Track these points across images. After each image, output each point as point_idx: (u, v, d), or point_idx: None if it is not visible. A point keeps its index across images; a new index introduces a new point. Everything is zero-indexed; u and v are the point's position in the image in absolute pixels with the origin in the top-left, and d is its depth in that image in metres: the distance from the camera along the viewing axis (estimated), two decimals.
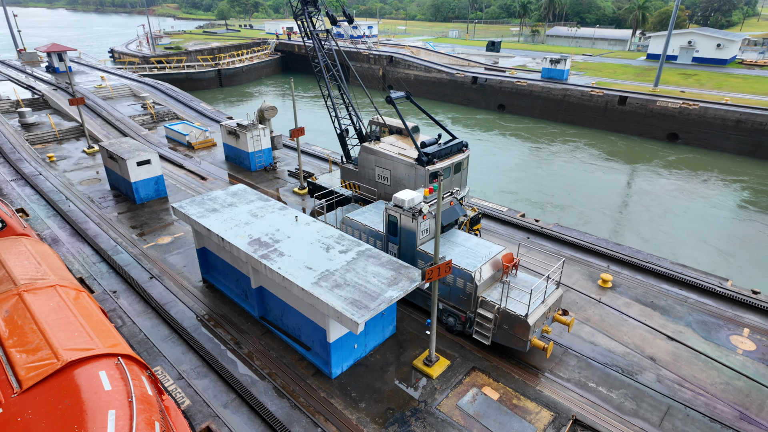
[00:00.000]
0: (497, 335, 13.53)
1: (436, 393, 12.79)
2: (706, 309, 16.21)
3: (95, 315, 10.30)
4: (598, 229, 27.70)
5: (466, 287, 13.85)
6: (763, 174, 37.83)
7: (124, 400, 7.64)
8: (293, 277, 12.88)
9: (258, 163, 28.31)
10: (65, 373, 7.96)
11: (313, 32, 20.91)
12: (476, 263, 13.92)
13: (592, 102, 49.41)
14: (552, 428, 11.71)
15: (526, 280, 14.38)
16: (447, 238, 15.42)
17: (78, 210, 23.34)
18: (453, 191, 16.19)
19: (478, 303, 13.70)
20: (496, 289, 14.07)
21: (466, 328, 14.45)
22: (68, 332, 9.07)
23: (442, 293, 14.67)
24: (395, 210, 15.09)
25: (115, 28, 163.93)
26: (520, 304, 13.20)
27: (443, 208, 15.31)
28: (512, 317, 13.02)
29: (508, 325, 13.17)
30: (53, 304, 10.06)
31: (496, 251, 14.61)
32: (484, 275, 13.87)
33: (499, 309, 13.25)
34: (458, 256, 14.36)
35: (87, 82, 48.93)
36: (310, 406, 12.37)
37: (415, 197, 14.78)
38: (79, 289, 11.35)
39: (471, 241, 15.32)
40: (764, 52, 77.56)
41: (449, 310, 14.74)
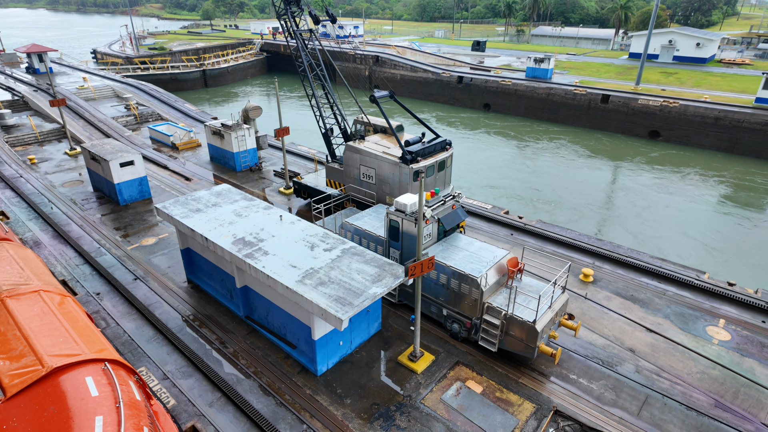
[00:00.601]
0: (504, 342, 13.25)
1: (420, 387, 12.95)
2: (683, 301, 16.63)
3: (81, 320, 10.17)
4: (582, 225, 28.16)
5: (471, 293, 13.55)
6: (741, 169, 38.77)
7: (112, 406, 7.57)
8: (278, 276, 12.94)
9: (243, 163, 28.22)
10: (51, 379, 7.85)
11: (297, 32, 20.96)
12: (481, 268, 13.61)
13: (576, 100, 50.10)
14: (534, 419, 11.95)
15: (532, 285, 14.10)
16: (449, 243, 15.10)
17: (60, 212, 23.06)
18: (455, 194, 15.99)
19: (484, 309, 13.43)
20: (501, 294, 13.80)
21: (471, 334, 14.15)
22: (53, 338, 8.95)
23: (446, 299, 14.36)
24: (397, 215, 14.79)
25: (98, 29, 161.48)
26: (527, 309, 12.89)
27: (446, 212, 15.18)
28: (520, 323, 12.71)
29: (515, 332, 12.89)
30: (37, 309, 9.93)
31: (501, 255, 14.33)
32: (490, 280, 13.61)
33: (506, 315, 12.95)
34: (462, 261, 14.05)
35: (69, 83, 48.21)
36: (295, 403, 12.45)
37: (416, 201, 14.42)
38: (64, 294, 11.20)
39: (474, 245, 15.01)
40: (743, 51, 79.42)
41: (453, 317, 14.41)
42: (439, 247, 14.90)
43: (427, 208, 14.25)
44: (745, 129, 41.35)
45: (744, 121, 41.30)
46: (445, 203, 15.33)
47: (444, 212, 15.24)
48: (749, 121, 41.03)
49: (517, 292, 13.51)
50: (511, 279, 14.16)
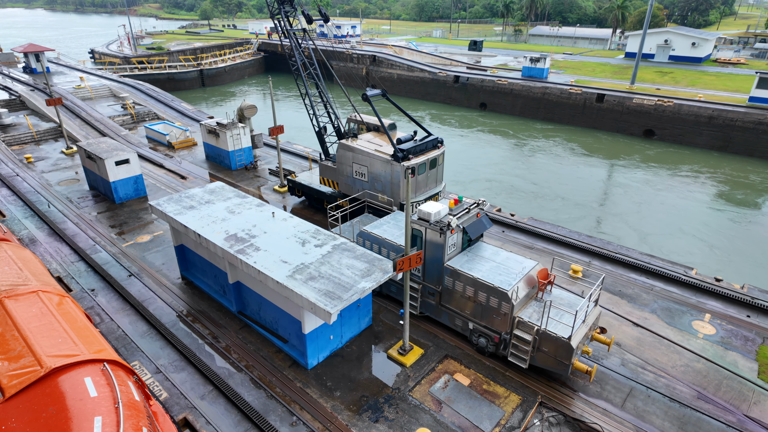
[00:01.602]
0: (536, 358, 12.67)
1: (409, 380, 13.17)
2: (670, 296, 16.87)
3: (79, 320, 10.16)
4: (576, 221, 28.39)
5: (500, 307, 12.90)
6: (734, 168, 39.05)
7: (111, 407, 7.55)
8: (268, 271, 13.15)
9: (238, 161, 28.42)
10: (49, 380, 7.83)
11: (290, 31, 21.16)
12: (511, 281, 12.98)
13: (571, 100, 50.36)
14: (519, 411, 12.17)
15: (563, 298, 13.49)
16: (475, 253, 14.50)
17: (56, 210, 23.24)
18: (479, 202, 15.26)
19: (515, 324, 12.80)
20: (531, 307, 13.17)
21: (499, 349, 13.56)
22: (52, 338, 8.95)
23: (472, 312, 13.83)
24: (420, 224, 14.11)
25: (96, 29, 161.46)
26: (561, 324, 12.28)
27: (470, 221, 14.49)
28: (553, 339, 12.11)
29: (549, 348, 12.27)
30: (36, 310, 9.91)
31: (530, 267, 13.71)
32: (520, 294, 12.99)
33: (538, 331, 12.34)
34: (490, 273, 13.43)
35: (65, 82, 48.35)
36: (286, 395, 12.66)
37: (441, 210, 13.89)
38: (63, 295, 11.19)
39: (500, 255, 14.37)
40: (739, 50, 79.79)
41: (480, 331, 13.77)
42: (464, 258, 14.22)
43: (452, 216, 13.74)
44: (739, 128, 41.63)
45: (737, 120, 41.58)
46: (469, 211, 14.57)
47: (468, 221, 14.44)
48: (742, 120, 41.31)
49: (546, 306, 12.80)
50: (542, 292, 13.52)
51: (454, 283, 13.84)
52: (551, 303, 12.70)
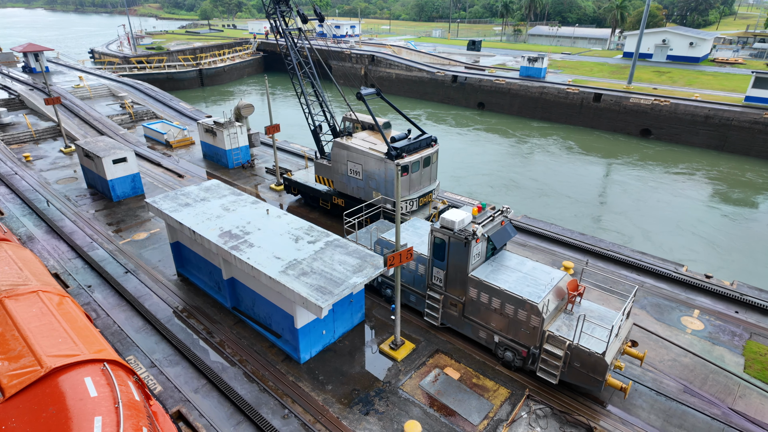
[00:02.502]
0: (566, 373, 12.18)
1: (400, 374, 13.37)
2: (660, 293, 17.06)
3: (80, 320, 10.20)
4: (572, 219, 28.57)
5: (529, 320, 12.38)
6: (730, 167, 39.22)
7: (111, 407, 7.56)
8: (261, 267, 13.36)
9: (235, 160, 28.62)
10: (49, 380, 7.84)
11: (286, 30, 21.36)
12: (540, 293, 12.42)
13: (568, 99, 50.53)
14: (508, 404, 12.37)
15: (593, 310, 12.94)
16: (499, 262, 13.94)
17: (54, 208, 23.45)
18: (503, 208, 14.67)
19: (545, 338, 12.28)
20: (560, 320, 12.63)
21: (527, 364, 13.04)
22: (52, 338, 8.97)
23: (498, 325, 13.28)
24: (443, 232, 13.52)
25: (96, 29, 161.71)
26: (594, 339, 11.75)
27: (495, 229, 13.80)
28: (586, 355, 11.57)
29: (581, 363, 11.75)
30: (36, 310, 9.93)
31: (559, 277, 13.15)
32: (551, 307, 12.50)
33: (570, 345, 11.83)
34: (517, 284, 12.90)
35: (64, 82, 48.57)
36: (278, 389, 12.86)
37: (465, 218, 13.39)
38: (63, 294, 11.21)
39: (527, 264, 13.82)
40: (738, 50, 79.94)
41: (507, 344, 13.25)
42: (489, 268, 13.64)
43: (477, 225, 13.20)
44: (735, 127, 41.80)
45: (733, 119, 41.74)
46: (493, 219, 13.97)
47: (493, 229, 13.78)
48: (738, 119, 41.47)
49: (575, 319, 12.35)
50: (572, 304, 13.00)
51: (479, 294, 13.29)
52: (585, 317, 12.04)
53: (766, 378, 13.26)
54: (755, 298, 16.51)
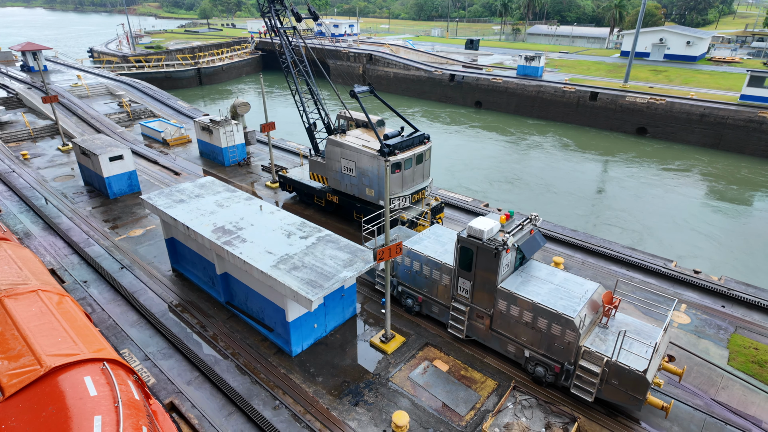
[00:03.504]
0: (602, 391, 11.60)
1: (390, 367, 13.59)
2: (649, 288, 17.27)
3: (79, 320, 10.22)
4: (568, 217, 28.79)
5: (564, 335, 11.77)
6: (725, 165, 39.44)
7: (111, 406, 7.57)
8: (253, 261, 13.58)
9: (231, 158, 28.84)
10: (49, 379, 7.84)
11: (280, 29, 21.56)
12: (575, 306, 11.85)
13: (565, 98, 50.74)
14: (495, 395, 12.60)
15: (628, 323, 12.38)
16: (528, 273, 13.36)
17: (51, 205, 23.66)
18: (532, 216, 13.98)
19: (580, 354, 11.66)
20: (595, 334, 12.02)
21: (560, 380, 12.43)
22: (51, 338, 8.97)
23: (529, 339, 12.68)
24: (471, 242, 12.85)
25: (95, 28, 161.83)
26: (633, 355, 11.18)
27: (524, 239, 13.21)
28: (626, 372, 11.00)
29: (620, 381, 11.19)
30: (35, 309, 9.94)
31: (593, 290, 12.56)
32: (586, 321, 11.89)
33: (608, 362, 11.23)
34: (549, 296, 12.29)
35: (63, 80, 48.77)
36: (270, 381, 13.09)
37: (493, 227, 12.78)
38: (62, 294, 11.24)
39: (558, 275, 13.19)
40: (736, 49, 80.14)
41: (538, 359, 12.66)
42: (518, 279, 13.03)
43: (507, 234, 12.66)
44: (730, 125, 42.02)
45: (728, 117, 41.95)
46: (522, 228, 13.34)
47: (522, 238, 13.17)
48: (733, 117, 41.69)
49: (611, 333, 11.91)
50: (607, 317, 12.41)
51: (509, 307, 12.71)
52: (625, 333, 11.43)
53: (749, 370, 13.49)
54: (742, 293, 16.73)
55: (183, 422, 11.81)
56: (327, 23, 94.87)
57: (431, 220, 20.44)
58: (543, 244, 13.90)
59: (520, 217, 14.04)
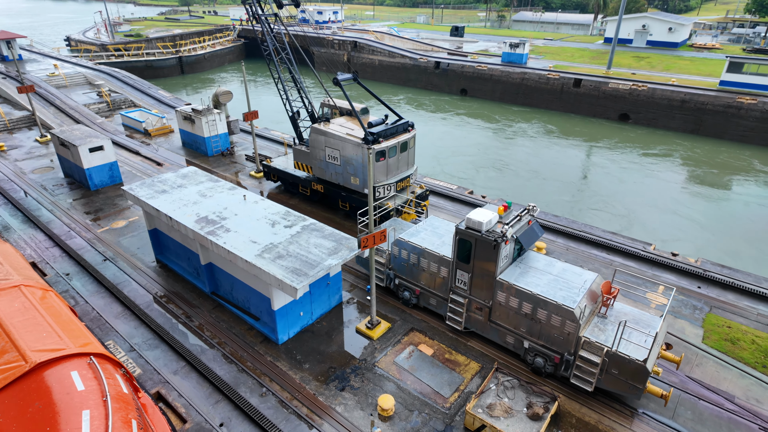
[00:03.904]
0: (602, 380, 11.71)
1: (375, 352, 13.79)
2: (628, 270, 17.70)
3: (64, 314, 10.13)
4: (552, 201, 29.17)
5: (564, 326, 11.84)
6: (705, 150, 40.20)
7: (99, 400, 7.52)
8: (238, 251, 13.58)
9: (215, 147, 28.52)
10: (34, 375, 7.78)
11: (261, 16, 21.25)
12: (575, 297, 11.89)
13: (549, 85, 50.99)
14: (478, 377, 12.89)
15: (626, 313, 12.49)
16: (527, 264, 13.35)
17: (30, 198, 23.22)
18: (529, 207, 13.93)
19: (581, 344, 11.74)
20: (594, 324, 12.10)
21: (559, 370, 12.51)
22: (36, 333, 8.86)
23: (528, 330, 12.69)
24: (470, 234, 12.80)
25: (72, 15, 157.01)
26: (632, 345, 11.29)
27: (522, 230, 13.21)
28: (626, 362, 11.10)
29: (619, 370, 11.30)
30: (18, 304, 9.83)
31: (591, 279, 12.62)
32: (586, 312, 11.96)
33: (608, 352, 11.31)
34: (548, 287, 12.30)
35: (39, 70, 47.45)
36: (256, 369, 13.19)
37: (491, 218, 12.73)
38: (46, 289, 11.13)
39: (556, 266, 13.23)
40: (717, 35, 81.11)
41: (537, 350, 12.69)
42: (517, 270, 13.06)
43: (506, 226, 12.64)
44: (709, 111, 42.73)
45: (708, 103, 42.64)
46: (521, 219, 13.34)
47: (521, 230, 13.17)
48: (713, 103, 42.38)
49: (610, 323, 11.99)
50: (606, 307, 12.52)
51: (508, 298, 12.74)
52: (626, 323, 11.52)
53: (723, 348, 13.98)
54: (717, 274, 17.24)
55: (170, 411, 11.87)
56: (311, 10, 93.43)
57: (416, 208, 20.58)
58: (541, 235, 13.94)
59: (517, 208, 14.08)
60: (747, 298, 16.24)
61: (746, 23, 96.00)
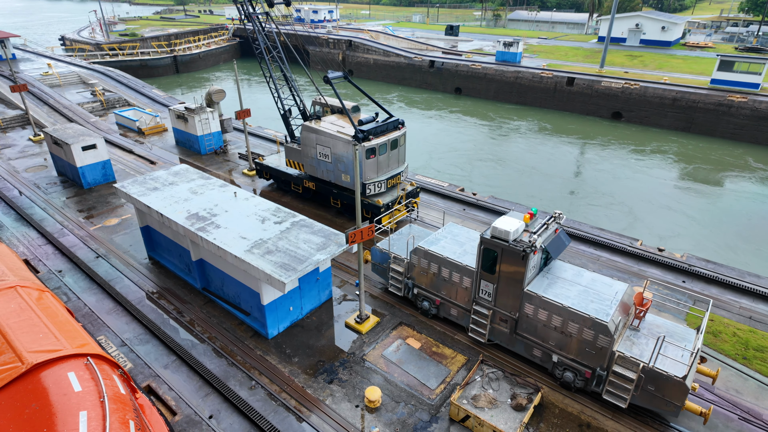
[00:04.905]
0: (637, 397, 11.20)
1: (364, 346, 14.00)
2: (615, 265, 17.97)
3: (60, 315, 10.10)
4: (544, 197, 29.44)
5: (596, 340, 11.28)
6: (697, 147, 40.56)
7: (96, 401, 7.48)
8: (227, 247, 13.76)
9: (208, 146, 28.65)
10: (31, 376, 7.73)
11: (252, 15, 21.41)
12: (608, 310, 11.33)
13: (543, 83, 51.28)
14: (464, 369, 13.12)
15: (659, 325, 11.93)
16: (554, 274, 12.83)
17: (24, 196, 23.31)
18: (555, 215, 13.37)
19: (614, 359, 11.20)
20: (627, 338, 11.60)
21: (590, 385, 11.95)
22: (32, 334, 8.81)
23: (557, 344, 12.23)
24: (495, 243, 12.24)
25: (66, 15, 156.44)
26: (669, 360, 10.76)
27: (549, 239, 12.64)
28: (664, 379, 10.56)
29: (656, 387, 10.77)
30: (14, 305, 9.75)
31: (622, 290, 12.08)
32: (620, 325, 11.48)
33: (644, 368, 10.79)
34: (579, 299, 11.77)
35: (32, 69, 47.42)
36: (246, 363, 13.38)
37: (518, 227, 12.19)
38: (42, 289, 11.09)
39: (584, 276, 12.68)
40: (711, 34, 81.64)
41: (567, 364, 12.15)
42: (544, 281, 12.52)
43: (534, 235, 12.15)
44: (701, 109, 43.10)
45: (699, 101, 43.01)
46: (547, 227, 12.81)
47: (548, 239, 12.63)
48: (704, 101, 42.76)
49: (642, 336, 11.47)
50: (639, 320, 11.98)
51: (536, 310, 12.20)
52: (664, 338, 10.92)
53: (705, 340, 14.24)
54: (702, 269, 17.53)
55: (161, 404, 12.05)
56: (306, 9, 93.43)
57: (406, 205, 20.80)
58: (568, 244, 13.41)
59: (543, 216, 13.63)
60: (730, 292, 16.54)
61: (740, 22, 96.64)
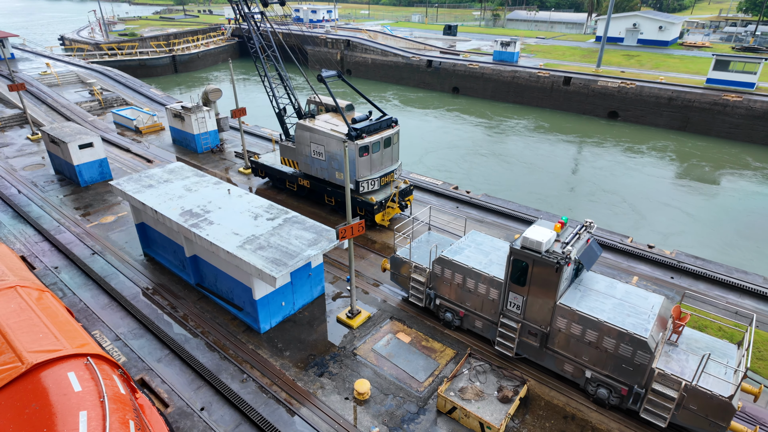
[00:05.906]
0: (677, 416, 10.65)
1: (355, 340, 14.21)
2: (605, 262, 18.17)
3: (60, 315, 10.14)
4: (539, 196, 29.65)
5: (634, 356, 10.74)
6: (693, 145, 40.76)
7: (96, 401, 7.49)
8: (220, 242, 13.96)
9: (204, 144, 28.86)
10: (31, 376, 7.75)
11: (248, 14, 21.62)
12: (646, 325, 10.81)
13: (539, 83, 51.48)
14: (453, 363, 13.32)
15: (697, 339, 11.39)
16: (586, 286, 12.29)
17: (21, 194, 23.52)
18: (587, 223, 12.75)
19: (653, 376, 10.67)
20: (665, 353, 11.11)
21: (626, 402, 11.45)
22: (32, 334, 8.82)
23: (592, 359, 11.58)
24: (526, 254, 11.63)
25: (66, 14, 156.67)
26: (712, 378, 10.24)
27: (582, 249, 11.99)
28: (708, 398, 10.03)
29: (699, 406, 10.22)
30: (14, 305, 9.77)
31: (658, 303, 11.54)
32: (659, 340, 10.98)
33: (686, 386, 10.24)
34: (614, 313, 11.22)
35: (31, 69, 47.63)
36: (238, 356, 13.59)
37: (550, 237, 11.61)
38: (42, 289, 11.12)
39: (617, 288, 12.16)
40: (709, 34, 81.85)
41: (601, 380, 11.60)
42: (577, 294, 11.96)
43: (569, 246, 11.58)
44: (696, 108, 43.31)
45: (695, 101, 43.22)
46: (579, 237, 12.15)
47: (580, 249, 11.97)
48: (700, 100, 42.97)
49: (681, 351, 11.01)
50: (677, 334, 11.49)
51: (569, 324, 11.64)
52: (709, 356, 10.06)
53: None
54: (690, 265, 17.74)
55: (153, 396, 12.26)
56: (305, 9, 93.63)
57: (400, 203, 21.00)
58: (600, 254, 12.79)
59: (574, 224, 13.18)
60: (717, 288, 16.75)
61: (738, 22, 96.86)
